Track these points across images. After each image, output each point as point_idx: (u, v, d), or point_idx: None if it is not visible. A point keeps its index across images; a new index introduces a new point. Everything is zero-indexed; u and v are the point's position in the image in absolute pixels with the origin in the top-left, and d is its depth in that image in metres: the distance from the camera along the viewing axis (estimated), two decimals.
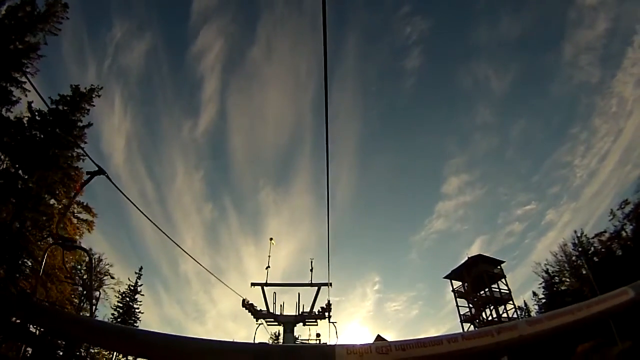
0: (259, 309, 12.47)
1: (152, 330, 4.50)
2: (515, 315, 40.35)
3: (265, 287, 12.96)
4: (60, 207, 24.59)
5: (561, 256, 43.36)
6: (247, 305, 12.32)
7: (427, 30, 71.58)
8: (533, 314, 45.64)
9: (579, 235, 42.35)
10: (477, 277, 41.04)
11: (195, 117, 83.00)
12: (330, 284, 12.67)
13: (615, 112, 56.28)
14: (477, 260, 40.94)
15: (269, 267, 13.67)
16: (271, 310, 12.43)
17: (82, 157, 24.81)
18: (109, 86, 68.22)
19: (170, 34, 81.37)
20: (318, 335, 16.61)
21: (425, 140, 75.84)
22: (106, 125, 65.32)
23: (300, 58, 73.30)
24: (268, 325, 13.28)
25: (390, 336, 37.95)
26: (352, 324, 54.95)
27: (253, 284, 13.20)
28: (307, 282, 13.18)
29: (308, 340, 17.22)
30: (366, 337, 38.21)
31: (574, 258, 42.19)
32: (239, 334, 65.35)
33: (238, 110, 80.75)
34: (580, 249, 41.82)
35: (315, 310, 12.65)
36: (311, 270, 13.40)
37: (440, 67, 72.15)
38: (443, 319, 69.92)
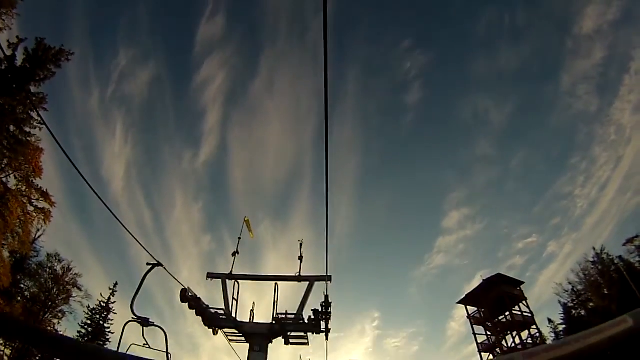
0: (212, 310, 8.20)
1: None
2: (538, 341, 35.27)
3: (227, 281, 8.84)
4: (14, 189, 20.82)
5: (584, 274, 38.80)
6: (191, 301, 7.56)
7: (426, 65, 72.22)
8: (549, 341, 40.98)
9: (599, 252, 38.27)
10: (497, 300, 36.22)
11: (196, 148, 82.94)
12: (330, 278, 8.60)
13: (614, 140, 56.02)
14: (496, 281, 36.29)
15: (237, 253, 9.55)
16: (233, 314, 8.23)
17: (39, 125, 21.08)
18: (112, 112, 69.23)
19: (174, 63, 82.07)
20: None
21: (426, 174, 75.66)
22: (107, 152, 65.55)
23: (301, 92, 73.54)
24: (230, 339, 8.94)
25: None
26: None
27: (210, 275, 9.09)
28: (294, 275, 9.18)
29: None
30: None
31: (596, 276, 37.84)
32: None
33: (238, 142, 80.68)
34: (600, 267, 37.67)
35: (305, 315, 8.40)
36: (300, 258, 9.45)
37: (439, 100, 72.53)
38: (444, 355, 65.40)
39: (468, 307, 39.07)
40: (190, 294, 7.51)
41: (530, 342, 36.01)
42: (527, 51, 62.35)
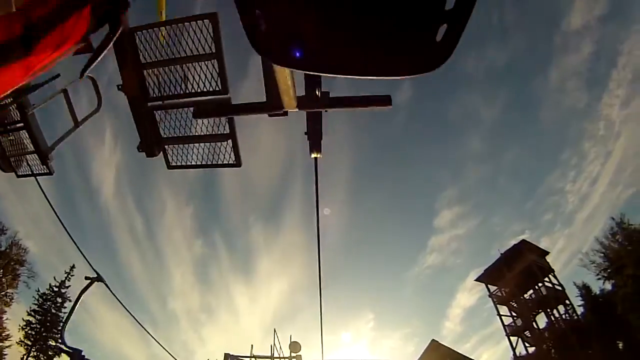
0: None
1: None
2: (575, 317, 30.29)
3: None
4: None
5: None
6: None
7: None
8: None
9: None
10: (523, 272, 31.43)
11: None
12: None
13: (603, 135, 56.41)
14: (522, 249, 31.68)
15: None
16: None
17: None
18: (102, 118, 69.16)
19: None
20: None
21: (417, 173, 76.33)
22: (97, 158, 64.86)
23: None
24: None
25: None
26: None
27: None
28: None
29: None
30: None
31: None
32: None
33: None
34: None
35: None
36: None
37: (430, 98, 73.35)
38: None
39: (489, 285, 34.12)
40: None
41: (562, 321, 31.17)
42: (515, 47, 62.75)
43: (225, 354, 11.06)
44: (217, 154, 4.00)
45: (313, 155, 3.65)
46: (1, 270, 25.96)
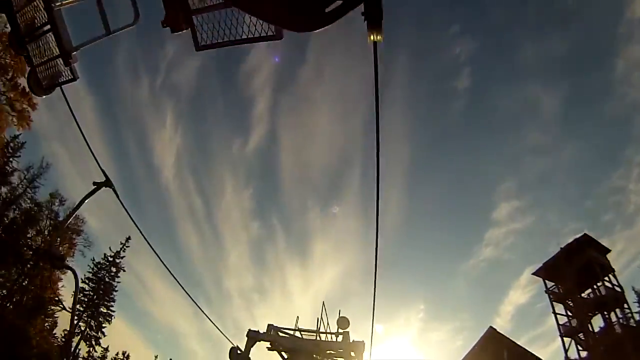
0: None
1: None
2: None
3: None
4: None
5: None
6: None
7: (475, 51, 70.49)
8: None
9: None
10: (582, 269, 29.57)
11: (246, 135, 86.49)
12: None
13: None
14: (583, 244, 29.76)
15: None
16: None
17: None
18: (162, 102, 71.90)
19: (221, 51, 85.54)
20: None
21: (475, 163, 74.68)
22: (157, 140, 67.83)
23: (350, 78, 74.60)
24: None
25: None
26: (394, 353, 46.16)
27: None
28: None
29: None
30: None
31: None
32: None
33: (288, 129, 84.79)
34: None
35: None
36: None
37: (489, 88, 70.87)
38: None
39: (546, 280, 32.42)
40: None
41: (620, 326, 29.24)
42: (577, 37, 58.99)
43: (268, 325, 10.55)
44: (254, 27, 3.35)
45: (371, 38, 2.65)
46: (57, 241, 26.68)
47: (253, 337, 10.08)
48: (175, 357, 67.01)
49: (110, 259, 28.82)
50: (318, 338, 10.70)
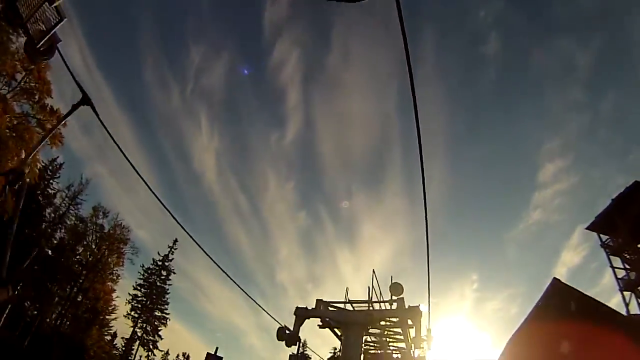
0: None
1: None
2: None
3: None
4: None
5: None
6: None
7: (501, 10, 67.19)
8: None
9: None
10: (639, 219, 27.71)
11: (282, 128, 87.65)
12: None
13: None
14: (635, 193, 27.81)
15: None
16: None
17: None
18: (194, 108, 75.55)
19: (246, 51, 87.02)
20: None
21: (515, 127, 71.67)
22: (196, 146, 69.95)
23: (378, 58, 74.19)
24: None
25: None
26: (450, 326, 45.40)
27: None
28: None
29: None
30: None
31: None
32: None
33: (323, 117, 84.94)
34: None
35: None
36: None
37: (519, 48, 67.91)
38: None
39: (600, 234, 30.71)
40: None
41: None
42: None
43: (317, 300, 10.24)
44: None
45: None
46: (106, 252, 27.66)
47: (301, 314, 9.73)
48: (237, 353, 68.61)
49: (160, 263, 29.76)
50: (371, 308, 10.30)
